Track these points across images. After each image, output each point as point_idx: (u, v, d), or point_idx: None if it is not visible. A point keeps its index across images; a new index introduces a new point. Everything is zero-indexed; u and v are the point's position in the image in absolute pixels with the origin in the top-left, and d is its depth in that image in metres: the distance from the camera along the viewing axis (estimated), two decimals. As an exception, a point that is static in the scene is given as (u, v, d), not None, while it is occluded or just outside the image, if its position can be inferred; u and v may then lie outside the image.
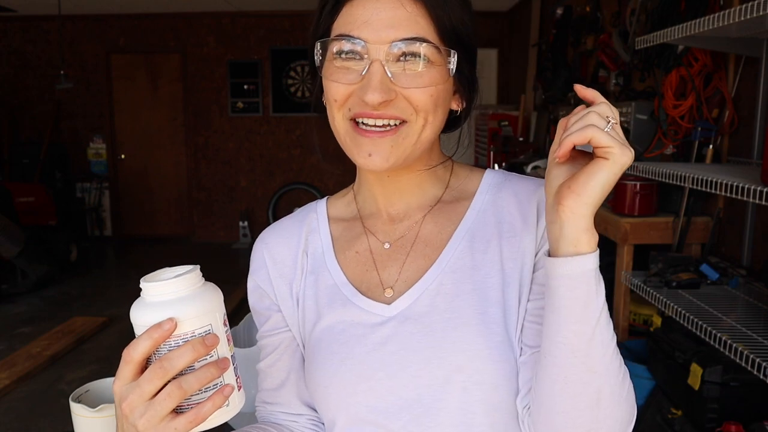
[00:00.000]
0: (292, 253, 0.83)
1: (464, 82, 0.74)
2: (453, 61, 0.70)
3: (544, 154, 3.76)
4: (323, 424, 0.84)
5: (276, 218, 6.87)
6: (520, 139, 4.44)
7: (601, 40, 3.22)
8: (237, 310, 4.30)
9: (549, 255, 0.62)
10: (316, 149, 0.88)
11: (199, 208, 7.09)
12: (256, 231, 6.98)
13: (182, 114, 6.94)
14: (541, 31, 4.68)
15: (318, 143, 0.90)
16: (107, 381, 0.95)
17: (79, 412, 0.86)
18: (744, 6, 1.39)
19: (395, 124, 0.70)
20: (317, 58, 0.73)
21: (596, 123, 0.57)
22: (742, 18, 1.39)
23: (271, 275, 0.83)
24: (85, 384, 0.93)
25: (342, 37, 0.69)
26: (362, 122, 0.70)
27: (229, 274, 5.36)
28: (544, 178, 0.68)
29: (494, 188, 0.79)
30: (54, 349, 3.64)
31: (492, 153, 4.35)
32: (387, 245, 0.79)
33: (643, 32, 2.59)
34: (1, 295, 4.79)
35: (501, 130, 4.60)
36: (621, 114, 2.64)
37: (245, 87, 6.82)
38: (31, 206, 5.34)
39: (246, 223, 6.86)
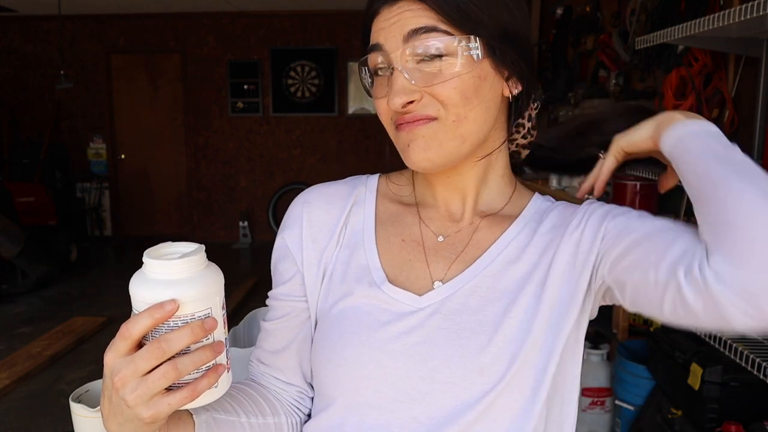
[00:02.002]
0: (333, 220, 0.81)
1: (508, 64, 0.73)
2: (474, 46, 0.69)
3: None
4: (311, 398, 0.83)
5: (276, 218, 6.87)
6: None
7: (601, 40, 3.22)
8: (237, 310, 4.30)
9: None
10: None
11: (199, 208, 7.09)
12: (256, 231, 6.98)
13: (182, 114, 6.94)
14: (541, 31, 4.68)
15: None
16: (107, 381, 0.94)
17: (79, 412, 0.86)
18: (744, 6, 1.39)
19: (426, 119, 0.71)
20: (366, 81, 0.76)
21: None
22: (742, 18, 1.39)
23: (304, 237, 0.80)
24: (85, 384, 0.93)
25: (368, 51, 0.73)
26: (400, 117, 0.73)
27: (229, 274, 5.34)
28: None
29: (544, 204, 0.81)
30: (54, 349, 3.64)
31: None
32: (441, 238, 0.79)
33: (643, 32, 2.59)
34: (1, 295, 4.79)
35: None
36: (621, 114, 2.64)
37: (245, 87, 6.82)
38: (31, 206, 5.34)
39: (246, 223, 6.86)
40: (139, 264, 0.61)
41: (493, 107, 0.74)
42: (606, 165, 0.75)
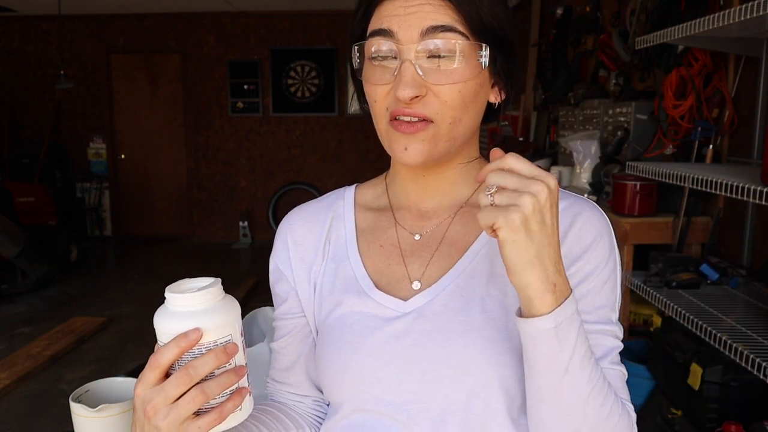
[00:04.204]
0: (315, 237, 0.84)
1: (501, 74, 0.75)
2: (484, 54, 0.71)
3: (544, 153, 3.76)
4: (328, 404, 0.86)
5: (276, 218, 6.87)
6: (520, 138, 4.44)
7: (601, 40, 3.22)
8: (237, 310, 4.30)
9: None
10: None
11: (199, 208, 7.09)
12: (256, 231, 6.98)
13: (182, 114, 6.94)
14: (541, 31, 4.67)
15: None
16: (107, 381, 0.95)
17: (79, 412, 0.86)
18: (744, 6, 1.39)
19: (424, 120, 0.71)
20: (355, 61, 0.76)
21: (481, 202, 0.61)
22: (742, 18, 1.40)
23: (292, 257, 0.84)
24: (85, 384, 0.93)
25: (373, 33, 0.72)
26: (398, 118, 0.72)
27: (229, 274, 5.36)
28: (569, 190, 0.72)
29: None
30: (54, 349, 3.64)
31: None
32: (417, 237, 0.80)
33: (643, 32, 2.59)
34: (1, 295, 4.79)
35: (501, 129, 4.60)
36: (621, 114, 2.64)
37: (245, 87, 6.82)
38: (31, 206, 5.34)
39: (246, 223, 6.86)
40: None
41: (481, 113, 0.76)
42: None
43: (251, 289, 4.87)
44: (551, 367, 0.63)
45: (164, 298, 0.63)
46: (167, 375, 0.62)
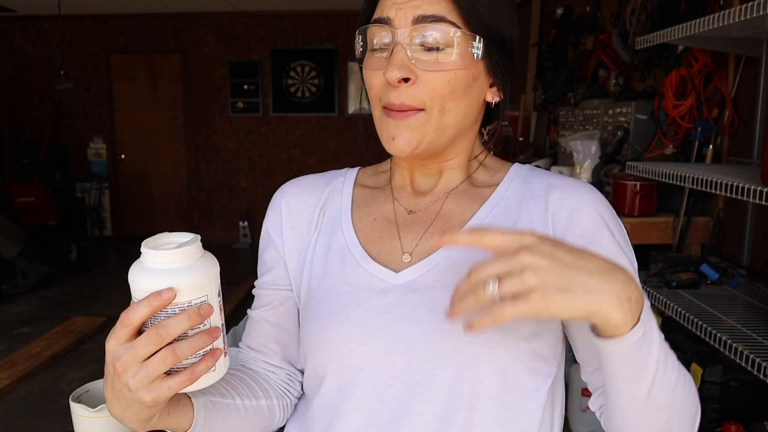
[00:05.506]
0: (310, 207, 0.84)
1: (498, 73, 0.76)
2: (477, 46, 0.71)
3: (544, 153, 3.76)
4: (300, 382, 0.86)
5: (276, 218, 6.87)
6: (520, 139, 4.44)
7: (601, 40, 3.22)
8: (237, 309, 4.30)
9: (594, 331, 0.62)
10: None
11: (199, 208, 7.09)
12: (256, 231, 6.98)
13: (182, 114, 6.94)
14: (541, 31, 4.67)
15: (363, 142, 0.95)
16: (107, 381, 0.94)
17: (79, 412, 0.86)
18: (744, 6, 1.39)
19: (414, 110, 0.72)
20: (359, 49, 0.77)
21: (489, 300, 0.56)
22: (742, 18, 1.40)
23: (284, 225, 0.84)
24: (85, 384, 0.93)
25: (373, 21, 0.73)
26: (389, 103, 0.73)
27: (229, 274, 5.35)
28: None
29: (521, 178, 0.81)
30: (54, 349, 3.64)
31: (492, 153, 4.36)
32: (411, 212, 0.81)
33: (643, 32, 2.59)
34: (1, 295, 4.79)
35: (501, 129, 4.59)
36: (621, 114, 2.64)
37: (245, 87, 6.82)
38: (31, 206, 5.34)
39: (246, 223, 6.86)
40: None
41: (475, 108, 0.77)
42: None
43: (251, 289, 4.86)
44: (644, 373, 0.61)
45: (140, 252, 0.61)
46: (141, 332, 0.60)
